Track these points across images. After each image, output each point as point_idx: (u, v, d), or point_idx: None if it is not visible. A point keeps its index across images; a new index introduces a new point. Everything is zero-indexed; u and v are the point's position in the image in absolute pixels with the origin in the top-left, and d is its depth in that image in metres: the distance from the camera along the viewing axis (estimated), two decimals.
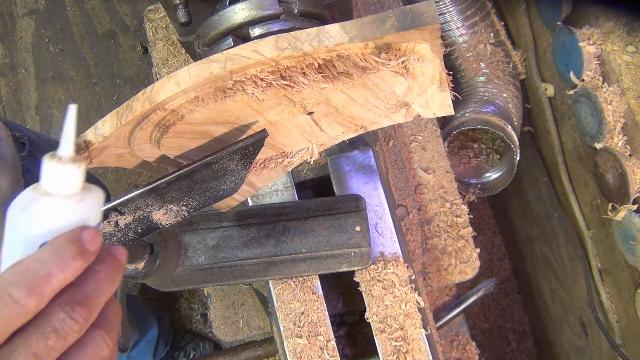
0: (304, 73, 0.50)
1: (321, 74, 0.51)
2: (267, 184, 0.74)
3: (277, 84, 0.50)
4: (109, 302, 0.40)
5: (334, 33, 0.47)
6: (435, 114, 0.62)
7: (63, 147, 0.39)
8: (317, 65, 0.50)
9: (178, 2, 0.69)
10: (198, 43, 0.67)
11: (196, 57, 0.73)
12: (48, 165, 0.38)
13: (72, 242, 0.37)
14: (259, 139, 0.56)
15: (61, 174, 0.38)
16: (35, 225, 0.37)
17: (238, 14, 0.62)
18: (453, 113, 0.61)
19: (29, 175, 0.88)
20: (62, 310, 0.36)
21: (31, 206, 0.38)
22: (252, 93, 0.50)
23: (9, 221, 0.38)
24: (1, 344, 0.35)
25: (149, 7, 1.28)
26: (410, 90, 0.58)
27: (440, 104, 0.60)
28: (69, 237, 0.37)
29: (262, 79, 0.50)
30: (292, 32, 0.47)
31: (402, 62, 0.53)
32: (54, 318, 0.36)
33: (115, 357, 0.40)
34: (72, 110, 0.39)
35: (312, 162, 0.69)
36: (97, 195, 0.40)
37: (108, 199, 0.48)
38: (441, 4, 1.37)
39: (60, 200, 0.38)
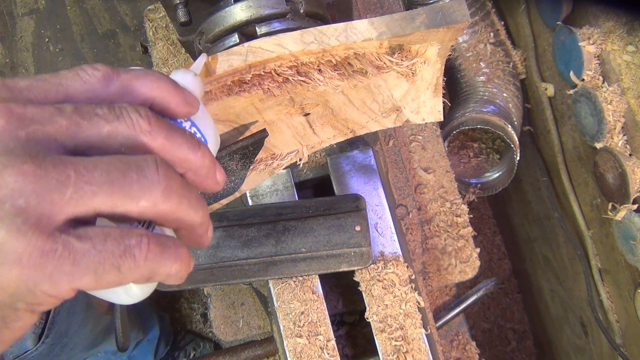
0: (319, 70, 0.50)
1: (337, 72, 0.51)
2: (252, 187, 0.73)
3: (294, 80, 0.50)
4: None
5: (362, 29, 0.47)
6: (425, 119, 0.61)
7: (194, 66, 0.46)
8: (334, 63, 0.50)
9: (178, 1, 0.69)
10: (200, 40, 0.67)
11: (196, 55, 0.73)
12: (179, 72, 0.43)
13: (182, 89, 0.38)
14: (260, 139, 0.56)
15: (189, 80, 0.43)
16: None
17: (245, 11, 0.61)
18: (442, 119, 0.61)
19: None
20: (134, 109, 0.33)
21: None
22: (268, 88, 0.50)
23: None
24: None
25: (149, 7, 1.28)
26: (406, 94, 0.58)
27: (431, 109, 0.60)
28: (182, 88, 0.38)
29: (279, 74, 0.49)
30: (317, 27, 0.47)
31: (412, 64, 0.53)
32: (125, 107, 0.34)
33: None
34: (205, 56, 0.48)
35: (301, 165, 0.69)
36: (209, 117, 0.43)
37: None
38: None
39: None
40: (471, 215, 1.13)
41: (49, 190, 0.28)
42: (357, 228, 0.74)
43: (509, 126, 1.30)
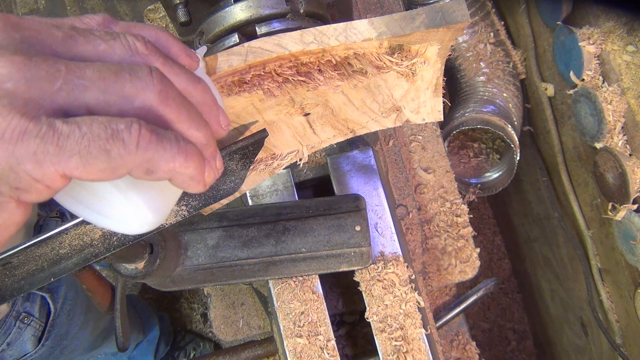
0: (319, 70, 0.50)
1: (337, 72, 0.51)
2: (252, 187, 0.73)
3: (294, 80, 0.50)
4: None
5: (362, 28, 0.47)
6: (425, 119, 0.61)
7: (199, 51, 0.47)
8: (334, 63, 0.50)
9: (178, 1, 0.69)
10: (200, 40, 0.67)
11: None
12: None
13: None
14: (260, 139, 0.56)
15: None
16: None
17: (245, 11, 0.62)
18: (442, 119, 0.61)
19: None
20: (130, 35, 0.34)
21: None
22: (268, 88, 0.50)
23: None
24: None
25: (149, 7, 1.28)
26: (406, 94, 0.58)
27: (431, 109, 0.60)
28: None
29: (279, 74, 0.49)
30: (317, 27, 0.47)
31: (412, 64, 0.53)
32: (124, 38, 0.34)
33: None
34: (205, 48, 0.49)
35: (301, 165, 0.69)
36: (215, 88, 0.44)
37: None
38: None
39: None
40: (471, 215, 1.13)
41: (38, 78, 0.29)
42: (357, 228, 0.74)
43: (509, 126, 1.30)
